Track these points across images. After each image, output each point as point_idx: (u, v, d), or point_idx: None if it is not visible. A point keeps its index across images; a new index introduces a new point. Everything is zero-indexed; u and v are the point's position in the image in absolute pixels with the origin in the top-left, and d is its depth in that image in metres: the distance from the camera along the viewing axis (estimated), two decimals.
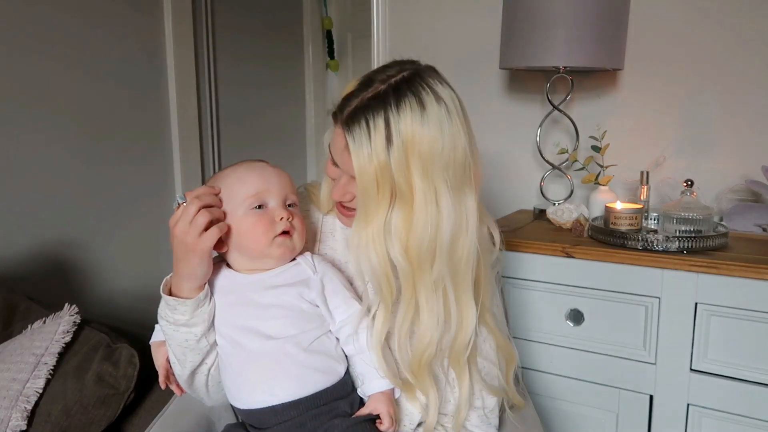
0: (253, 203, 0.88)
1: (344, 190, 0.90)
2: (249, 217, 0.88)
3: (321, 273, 0.91)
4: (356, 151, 0.80)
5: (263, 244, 0.87)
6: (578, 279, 1.31)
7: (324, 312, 0.89)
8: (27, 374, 1.21)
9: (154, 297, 0.96)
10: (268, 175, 0.90)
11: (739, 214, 1.40)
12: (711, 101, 1.53)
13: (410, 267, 0.84)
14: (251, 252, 0.89)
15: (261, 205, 0.88)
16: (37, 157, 1.80)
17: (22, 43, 1.74)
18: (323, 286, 0.90)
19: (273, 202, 0.89)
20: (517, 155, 1.78)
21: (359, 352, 0.89)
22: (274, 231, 0.88)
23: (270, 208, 0.88)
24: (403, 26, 1.90)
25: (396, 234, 0.83)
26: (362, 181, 0.81)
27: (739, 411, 1.20)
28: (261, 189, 0.88)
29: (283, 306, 0.88)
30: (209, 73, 2.44)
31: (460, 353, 0.91)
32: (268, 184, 0.89)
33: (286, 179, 0.91)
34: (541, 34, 1.38)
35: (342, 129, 0.83)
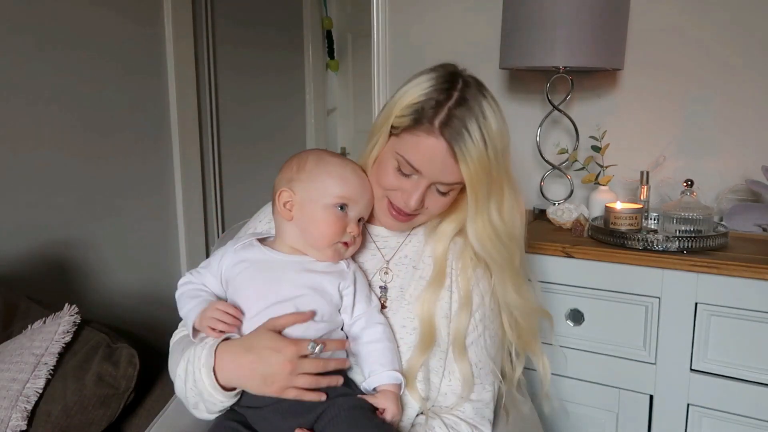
0: (339, 203, 0.91)
1: (421, 198, 0.93)
2: (329, 212, 0.91)
3: (354, 268, 0.95)
4: (465, 162, 0.88)
5: (325, 242, 0.91)
6: (578, 279, 1.31)
7: (347, 303, 0.93)
8: (27, 374, 1.21)
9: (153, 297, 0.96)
10: (364, 189, 0.94)
11: (739, 214, 1.40)
12: (711, 101, 1.53)
13: (509, 243, 0.97)
14: (309, 238, 0.93)
15: (343, 207, 0.92)
16: (37, 157, 1.80)
17: (21, 42, 1.74)
18: (356, 279, 0.94)
19: (353, 213, 0.93)
20: (517, 155, 1.78)
21: (375, 340, 0.91)
22: (340, 237, 0.92)
23: (349, 216, 0.93)
24: (403, 26, 1.90)
25: (494, 224, 0.95)
26: (475, 176, 0.89)
27: (739, 411, 1.20)
28: (353, 197, 0.92)
29: (318, 289, 0.91)
30: (209, 73, 2.44)
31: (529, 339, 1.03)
32: (359, 197, 0.93)
33: (371, 197, 0.96)
34: (541, 34, 1.38)
35: (441, 140, 0.88)
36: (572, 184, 1.60)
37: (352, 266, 0.95)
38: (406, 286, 0.99)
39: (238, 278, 0.93)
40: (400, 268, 1.00)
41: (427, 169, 0.90)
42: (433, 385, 0.96)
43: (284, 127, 2.94)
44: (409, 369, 0.93)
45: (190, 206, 2.33)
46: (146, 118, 2.16)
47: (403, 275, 1.00)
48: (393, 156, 0.92)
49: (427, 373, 0.95)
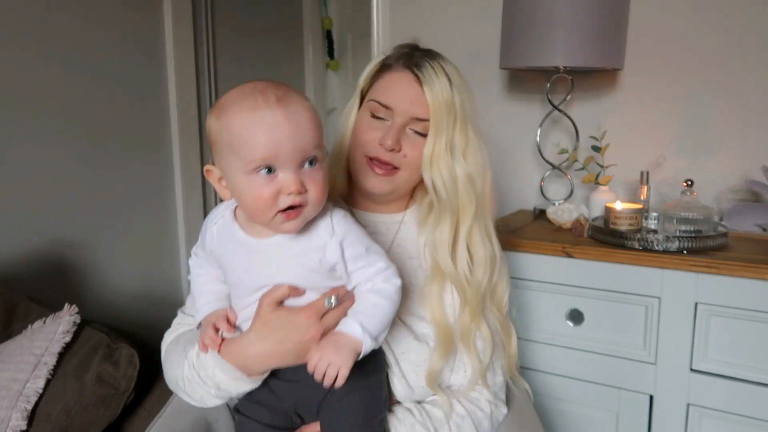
0: (258, 167, 0.73)
1: (396, 137, 0.92)
2: (251, 180, 0.74)
3: (340, 236, 0.80)
4: (429, 85, 0.91)
5: (265, 217, 0.76)
6: (578, 279, 1.31)
7: (341, 273, 0.82)
8: (27, 374, 1.21)
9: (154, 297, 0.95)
10: (280, 134, 0.73)
11: (739, 214, 1.40)
12: (711, 101, 1.53)
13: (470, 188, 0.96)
14: (247, 215, 0.80)
15: (270, 169, 0.74)
16: (37, 157, 1.80)
17: (21, 42, 1.74)
18: (342, 250, 0.80)
19: (283, 169, 0.74)
20: (517, 155, 1.78)
21: (368, 290, 0.81)
22: (277, 206, 0.74)
23: (279, 176, 0.74)
24: (403, 26, 1.90)
25: (458, 158, 0.94)
26: (438, 109, 0.91)
27: (739, 411, 1.20)
28: (269, 153, 0.73)
29: (299, 275, 0.81)
30: (209, 73, 2.44)
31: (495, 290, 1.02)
32: (277, 148, 0.73)
33: (306, 130, 0.74)
34: (541, 34, 1.38)
35: (406, 71, 0.93)
36: (572, 184, 1.60)
37: (338, 233, 0.80)
38: (405, 276, 0.98)
39: (226, 267, 0.85)
40: (396, 257, 1.00)
41: (398, 103, 0.93)
42: (444, 378, 0.97)
43: None
44: (431, 373, 0.93)
45: (190, 206, 2.33)
46: (146, 119, 2.16)
47: (400, 265, 0.98)
48: (366, 109, 0.96)
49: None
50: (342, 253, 0.80)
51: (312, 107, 0.77)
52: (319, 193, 0.76)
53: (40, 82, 1.80)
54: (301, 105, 0.75)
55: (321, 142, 0.77)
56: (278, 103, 0.73)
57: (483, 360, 0.98)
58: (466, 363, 0.97)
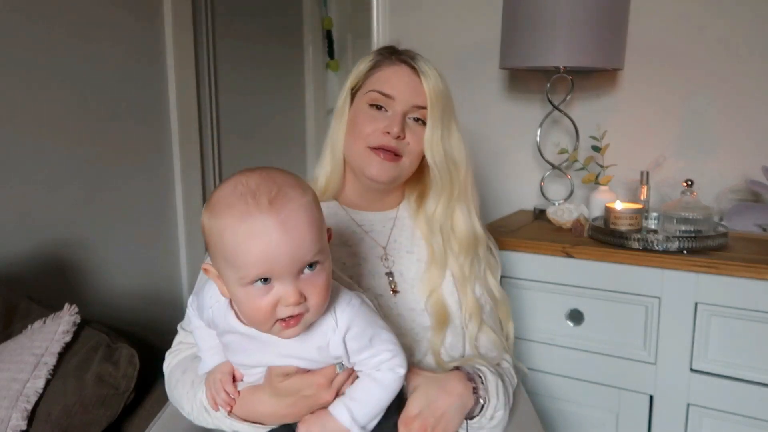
0: (252, 280, 0.69)
1: (402, 124, 0.97)
2: (247, 292, 0.70)
3: (344, 330, 0.76)
4: (426, 75, 0.98)
5: (264, 327, 0.73)
6: (578, 279, 1.31)
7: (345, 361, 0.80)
8: (27, 374, 1.21)
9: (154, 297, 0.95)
10: (274, 247, 0.67)
11: (739, 214, 1.40)
12: (711, 101, 1.53)
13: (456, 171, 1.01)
14: (250, 324, 0.75)
15: (266, 280, 0.69)
16: (37, 157, 1.80)
17: (21, 43, 1.74)
18: (345, 344, 0.77)
19: (280, 280, 0.69)
20: (517, 155, 1.78)
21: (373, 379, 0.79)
22: (275, 316, 0.71)
23: (276, 287, 0.70)
24: (403, 26, 1.90)
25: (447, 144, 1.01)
26: (435, 97, 0.98)
27: (739, 411, 1.19)
28: (264, 268, 0.68)
29: (300, 362, 0.79)
30: (209, 73, 2.44)
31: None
32: (272, 262, 0.68)
33: (302, 238, 0.69)
34: (541, 34, 1.38)
35: (402, 64, 1.00)
36: (572, 184, 1.60)
37: (342, 326, 0.76)
38: (406, 271, 1.03)
39: (223, 341, 0.83)
40: (395, 253, 1.04)
41: (399, 92, 0.98)
42: (455, 358, 1.01)
43: (284, 126, 2.94)
44: (435, 353, 0.99)
45: (190, 206, 2.33)
46: (146, 119, 2.16)
47: (399, 260, 1.03)
48: (364, 99, 1.00)
49: (447, 349, 1.00)
50: (345, 347, 0.77)
51: (309, 204, 0.71)
52: (321, 298, 0.72)
53: (40, 84, 1.80)
54: (298, 205, 0.69)
55: (321, 244, 0.72)
56: (270, 208, 0.68)
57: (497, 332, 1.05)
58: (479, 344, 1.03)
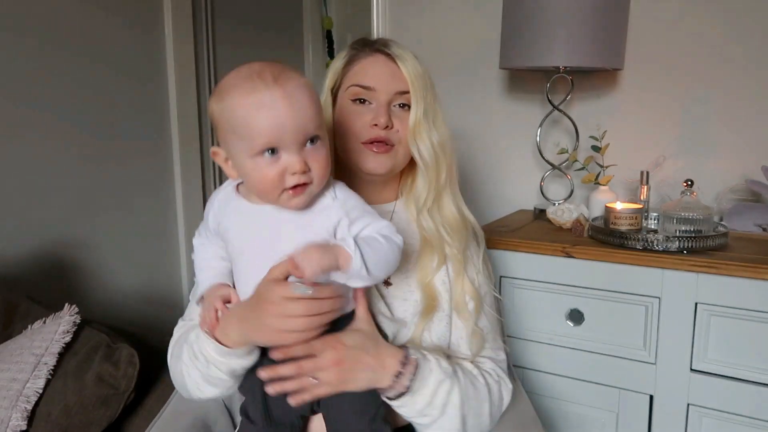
0: (261, 149, 0.75)
1: (387, 114, 0.96)
2: (256, 162, 0.76)
3: (342, 199, 0.83)
4: (402, 60, 0.97)
5: (272, 196, 0.78)
6: (578, 279, 1.31)
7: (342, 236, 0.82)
8: (27, 374, 1.21)
9: (154, 297, 0.95)
10: (281, 117, 0.74)
11: (739, 214, 1.40)
12: (711, 101, 1.53)
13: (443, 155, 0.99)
14: (255, 193, 0.82)
15: (273, 150, 0.76)
16: (37, 156, 1.80)
17: (21, 42, 1.74)
18: (346, 212, 0.82)
19: (286, 150, 0.76)
20: (517, 155, 1.78)
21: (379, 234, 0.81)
22: (284, 184, 0.77)
23: (282, 157, 0.76)
24: (403, 26, 1.90)
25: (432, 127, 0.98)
26: (415, 79, 0.96)
27: (739, 411, 1.20)
28: (272, 136, 0.75)
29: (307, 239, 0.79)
30: (209, 73, 2.44)
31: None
32: (280, 131, 0.75)
33: (306, 109, 0.76)
34: (541, 34, 1.38)
35: (377, 53, 0.98)
36: (572, 184, 1.60)
37: (340, 197, 0.83)
38: (402, 262, 1.00)
39: (230, 239, 0.86)
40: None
41: (379, 81, 0.97)
42: (443, 351, 0.99)
43: None
44: (413, 334, 0.96)
45: (190, 206, 2.33)
46: (146, 118, 2.16)
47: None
48: (346, 96, 0.99)
49: (434, 339, 0.98)
50: (346, 213, 0.81)
51: (309, 84, 0.78)
52: (323, 170, 0.79)
53: (38, 82, 1.80)
54: (299, 83, 0.77)
55: (321, 121, 0.79)
56: (276, 84, 0.75)
57: (483, 330, 1.01)
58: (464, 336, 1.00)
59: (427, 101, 0.98)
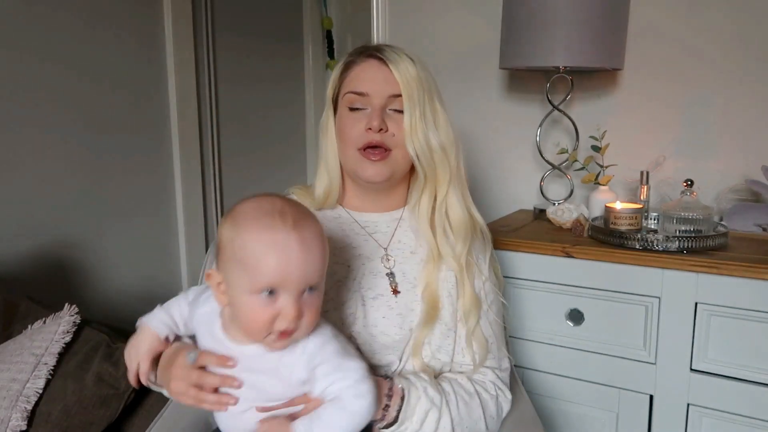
0: (262, 288, 0.73)
1: (380, 117, 0.96)
2: (252, 300, 0.74)
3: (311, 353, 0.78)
4: (394, 63, 0.96)
5: (258, 336, 0.76)
6: (578, 279, 1.31)
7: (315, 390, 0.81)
8: (27, 374, 1.21)
9: (154, 297, 0.95)
10: (291, 262, 0.73)
11: (739, 214, 1.40)
12: (711, 101, 1.53)
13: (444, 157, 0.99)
14: (240, 328, 0.78)
15: (272, 291, 0.74)
16: (37, 157, 1.80)
17: (21, 42, 1.74)
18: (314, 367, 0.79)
19: (285, 294, 0.74)
20: (517, 155, 1.78)
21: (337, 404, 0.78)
22: (273, 327, 0.74)
23: (279, 300, 0.74)
24: (403, 26, 1.90)
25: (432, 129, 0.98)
26: (407, 82, 0.96)
27: (739, 411, 1.20)
28: (277, 280, 0.73)
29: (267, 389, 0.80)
30: (209, 72, 2.44)
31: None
32: (286, 275, 0.73)
33: (316, 259, 0.75)
34: (541, 34, 1.38)
35: (370, 59, 0.98)
36: (572, 184, 1.60)
37: (308, 350, 0.78)
38: (409, 271, 1.02)
39: (200, 344, 0.85)
40: (398, 253, 1.03)
41: (372, 87, 0.97)
42: (443, 363, 0.99)
43: (284, 127, 2.94)
44: (414, 344, 0.97)
45: (190, 207, 2.33)
46: (147, 119, 2.16)
47: (402, 260, 1.03)
48: (344, 104, 1.00)
49: (434, 350, 0.98)
50: (312, 370, 0.78)
51: (323, 233, 0.78)
52: (313, 319, 0.77)
53: (39, 83, 1.80)
54: (315, 231, 0.76)
55: (324, 270, 0.78)
56: (294, 228, 0.74)
57: (488, 340, 1.01)
58: (465, 348, 1.00)
59: (425, 103, 0.97)
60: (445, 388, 0.94)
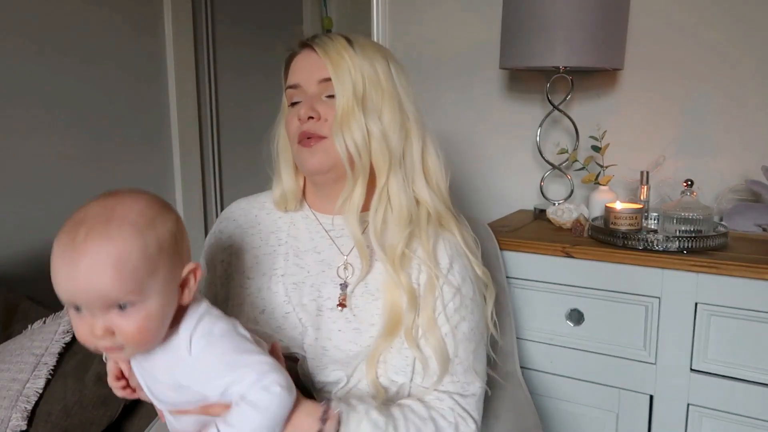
0: (67, 304, 0.69)
1: (309, 105, 0.90)
2: (71, 314, 0.70)
3: (196, 356, 0.73)
4: (322, 46, 0.90)
5: (93, 348, 0.72)
6: (578, 279, 1.31)
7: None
8: (27, 374, 1.21)
9: None
10: (77, 275, 0.66)
11: (739, 214, 1.40)
12: (711, 101, 1.53)
13: (382, 141, 0.90)
14: None
15: (77, 307, 0.69)
16: (37, 157, 1.80)
17: (21, 43, 1.74)
18: (201, 371, 0.74)
19: (87, 311, 0.68)
20: (517, 155, 1.78)
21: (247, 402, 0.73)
22: (95, 343, 0.70)
23: (85, 316, 0.69)
24: (403, 26, 1.90)
25: (372, 116, 0.89)
26: (335, 66, 0.88)
27: (739, 411, 1.19)
28: (66, 296, 0.68)
29: (165, 394, 0.77)
30: (209, 73, 2.44)
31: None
32: (72, 293, 0.67)
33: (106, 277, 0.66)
34: (541, 34, 1.38)
35: (304, 48, 0.93)
36: (572, 184, 1.60)
37: (194, 353, 0.73)
38: (372, 280, 0.93)
39: None
40: (361, 260, 0.93)
41: (302, 76, 0.92)
42: (400, 386, 0.90)
43: None
44: (370, 358, 0.88)
45: (190, 206, 2.33)
46: (146, 119, 2.16)
47: (365, 268, 0.93)
48: (286, 102, 0.96)
49: (389, 371, 0.89)
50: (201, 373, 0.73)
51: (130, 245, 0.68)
52: (131, 337, 0.69)
53: (38, 82, 1.80)
54: (112, 246, 0.67)
55: (136, 286, 0.68)
56: (83, 244, 0.66)
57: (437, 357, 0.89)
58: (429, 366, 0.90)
59: (366, 88, 0.88)
60: (394, 413, 0.84)
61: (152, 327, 0.70)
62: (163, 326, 0.72)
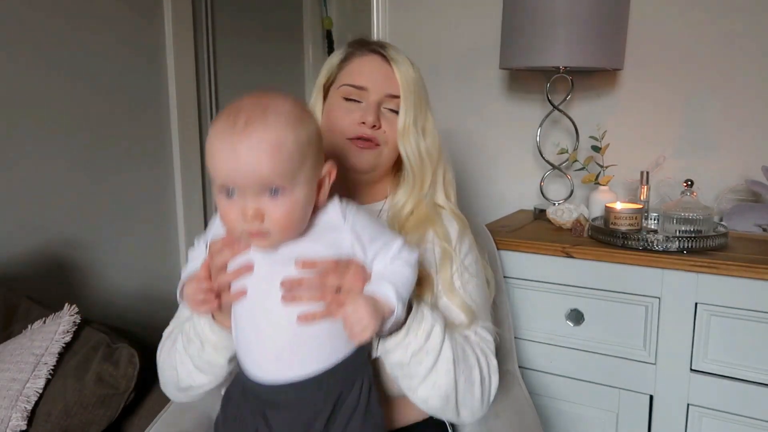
0: (221, 188, 0.74)
1: (376, 114, 0.97)
2: (220, 199, 0.75)
3: (351, 221, 0.80)
4: (398, 64, 0.98)
5: (234, 233, 0.77)
6: (578, 279, 1.31)
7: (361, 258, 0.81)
8: (27, 374, 1.21)
9: (154, 297, 0.95)
10: (232, 162, 0.72)
11: (739, 214, 1.40)
12: (711, 101, 1.53)
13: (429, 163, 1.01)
14: (227, 230, 0.80)
15: (230, 192, 0.74)
16: (37, 157, 1.80)
17: (21, 47, 1.74)
18: (357, 235, 0.80)
19: (241, 195, 0.73)
20: (517, 155, 1.78)
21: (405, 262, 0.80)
22: (242, 227, 0.74)
23: (239, 200, 0.73)
24: (403, 26, 1.90)
25: (420, 134, 0.99)
26: (407, 85, 0.97)
27: (739, 411, 1.20)
28: (226, 179, 0.73)
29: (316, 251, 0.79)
30: (209, 73, 2.44)
31: None
32: (232, 175, 0.72)
33: (265, 160, 0.72)
34: (541, 34, 1.38)
35: (373, 54, 1.00)
36: (572, 184, 1.60)
37: (350, 218, 0.80)
38: None
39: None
40: None
41: (372, 82, 0.98)
42: None
43: None
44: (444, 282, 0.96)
45: (190, 206, 2.33)
46: (146, 119, 2.16)
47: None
48: (338, 94, 1.00)
49: None
50: (357, 237, 0.80)
51: (284, 132, 0.73)
52: (279, 223, 0.74)
53: (40, 84, 1.80)
54: (269, 132, 0.72)
55: (288, 173, 0.73)
56: (244, 129, 0.71)
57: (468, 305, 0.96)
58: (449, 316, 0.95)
59: (418, 108, 0.98)
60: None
61: (297, 215, 0.76)
62: (305, 216, 0.78)
